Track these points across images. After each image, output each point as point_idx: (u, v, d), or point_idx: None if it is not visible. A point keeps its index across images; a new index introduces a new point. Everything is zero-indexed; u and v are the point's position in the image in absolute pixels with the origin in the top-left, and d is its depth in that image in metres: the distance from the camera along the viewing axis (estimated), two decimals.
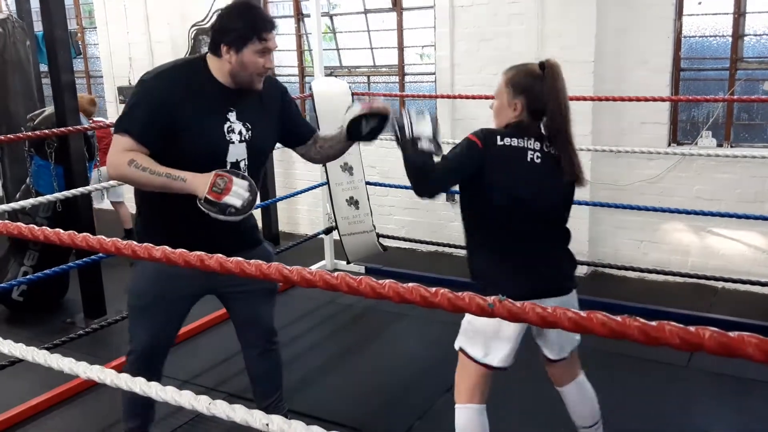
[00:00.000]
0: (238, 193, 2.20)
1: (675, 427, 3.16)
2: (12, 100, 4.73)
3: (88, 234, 1.37)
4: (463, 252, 5.43)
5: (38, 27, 5.86)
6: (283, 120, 2.57)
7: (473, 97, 4.89)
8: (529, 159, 2.28)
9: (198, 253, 1.25)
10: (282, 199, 5.83)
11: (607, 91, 4.70)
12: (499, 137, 2.27)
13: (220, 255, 1.25)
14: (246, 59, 2.33)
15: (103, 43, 7.12)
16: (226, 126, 2.39)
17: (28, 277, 3.98)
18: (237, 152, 2.41)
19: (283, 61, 6.44)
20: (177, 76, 2.39)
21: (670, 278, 4.72)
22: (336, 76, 5.95)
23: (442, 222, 5.60)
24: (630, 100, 4.26)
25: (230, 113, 2.40)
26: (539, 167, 2.29)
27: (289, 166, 6.32)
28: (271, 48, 2.36)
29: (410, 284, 1.02)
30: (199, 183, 2.21)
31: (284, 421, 1.23)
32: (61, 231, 1.39)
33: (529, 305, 0.91)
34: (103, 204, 6.36)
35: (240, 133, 2.41)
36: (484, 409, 2.43)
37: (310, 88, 5.04)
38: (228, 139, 2.39)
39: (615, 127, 4.87)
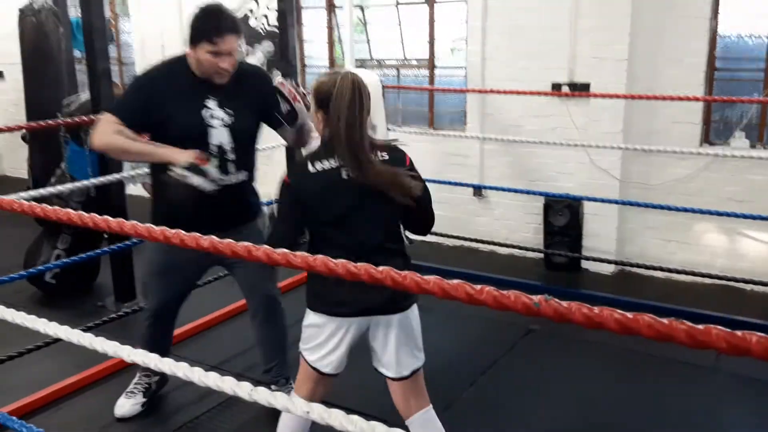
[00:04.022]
0: (213, 167, 2.57)
1: (701, 427, 3.15)
2: (43, 88, 4.78)
3: (122, 219, 1.41)
4: (488, 247, 5.45)
5: (72, 13, 5.96)
6: (264, 106, 2.89)
7: (504, 92, 4.89)
8: (344, 177, 2.20)
9: (228, 241, 1.31)
10: None
11: (640, 89, 4.66)
12: (310, 164, 2.21)
13: (249, 243, 1.32)
14: (200, 57, 2.66)
15: (136, 31, 7.20)
16: (205, 112, 2.73)
17: (63, 260, 4.06)
18: (219, 135, 2.75)
19: (314, 53, 6.47)
20: (161, 74, 2.79)
21: (698, 279, 4.68)
22: (366, 68, 5.96)
23: (467, 216, 5.60)
24: (664, 99, 4.22)
25: (208, 101, 2.74)
26: (352, 184, 2.19)
27: None
28: (221, 51, 2.63)
29: (455, 281, 1.04)
30: (179, 153, 2.56)
31: (324, 410, 1.26)
32: (98, 216, 1.44)
33: (575, 305, 0.93)
34: (134, 189, 6.43)
35: (221, 119, 2.75)
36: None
37: None
38: (208, 123, 2.73)
39: (647, 125, 4.83)
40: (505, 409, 3.24)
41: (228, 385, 1.34)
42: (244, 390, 1.32)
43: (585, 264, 5.13)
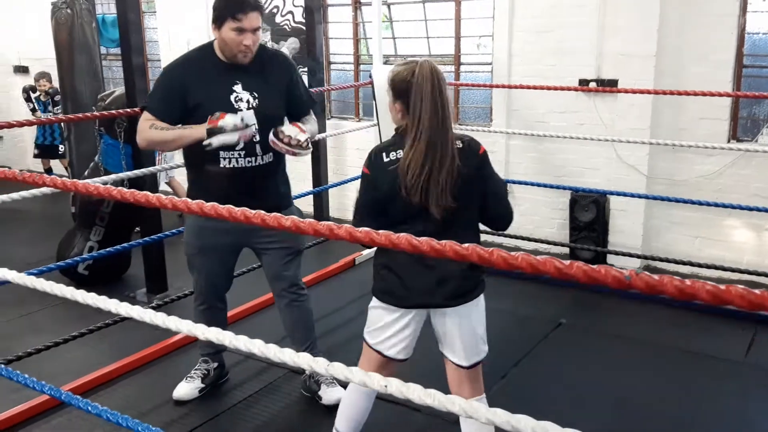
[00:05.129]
0: (231, 117, 2.69)
1: (730, 421, 3.17)
2: (78, 79, 4.87)
3: (188, 199, 1.46)
4: (513, 241, 5.46)
5: (99, 9, 6.04)
6: (288, 95, 2.97)
7: (531, 88, 4.91)
8: None
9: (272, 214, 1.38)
10: (334, 186, 5.92)
11: (668, 85, 4.67)
12: (384, 154, 2.23)
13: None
14: (225, 36, 2.76)
15: (162, 28, 7.27)
16: (232, 96, 2.82)
17: (97, 252, 4.11)
18: (246, 118, 2.82)
19: (339, 49, 6.52)
20: (187, 61, 2.90)
21: (724, 275, 4.70)
22: (391, 64, 6.00)
23: None
24: (695, 94, 4.23)
25: (236, 85, 2.83)
26: None
27: (341, 154, 6.41)
28: (245, 27, 2.72)
29: (543, 257, 1.07)
30: (201, 127, 2.71)
31: (402, 384, 1.30)
32: (150, 193, 1.51)
33: (667, 278, 0.96)
34: (161, 186, 6.52)
35: (248, 101, 2.84)
36: (370, 395, 2.49)
37: (369, 76, 5.11)
38: (236, 106, 2.82)
39: (674, 121, 4.85)
40: (536, 402, 3.27)
41: (304, 360, 1.39)
42: (321, 365, 1.37)
43: (610, 259, 5.14)
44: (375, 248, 2.40)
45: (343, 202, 6.48)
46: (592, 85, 4.97)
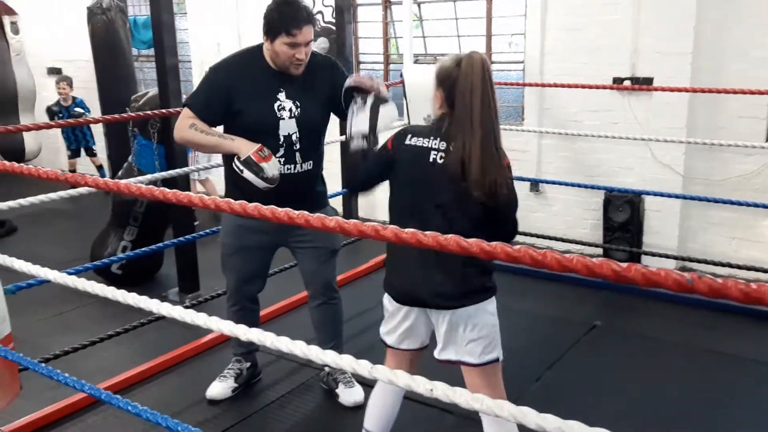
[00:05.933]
0: (274, 165, 2.69)
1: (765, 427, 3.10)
2: (116, 83, 4.93)
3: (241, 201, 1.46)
4: (545, 242, 5.41)
5: (131, 11, 6.10)
6: (333, 95, 2.88)
7: (563, 86, 4.85)
8: (431, 160, 2.17)
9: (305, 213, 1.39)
10: None
11: (704, 83, 4.59)
12: (409, 136, 2.23)
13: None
14: (277, 48, 2.74)
15: (192, 29, 7.31)
16: (276, 104, 2.81)
17: (132, 252, 4.14)
18: (288, 127, 2.83)
19: (369, 48, 6.51)
20: (235, 64, 2.89)
21: (762, 276, 4.60)
22: (420, 63, 5.98)
23: (524, 212, 5.56)
24: (732, 92, 4.15)
25: (280, 93, 2.82)
26: (438, 169, 2.15)
27: None
28: (299, 42, 2.69)
29: (600, 259, 1.04)
30: (243, 145, 2.70)
31: (448, 388, 1.27)
32: (219, 199, 1.49)
33: (731, 282, 0.93)
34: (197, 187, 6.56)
35: (290, 110, 2.83)
36: (399, 393, 2.49)
37: (401, 75, 5.09)
38: (279, 115, 2.81)
39: (711, 120, 4.76)
40: (571, 404, 3.21)
41: (346, 362, 1.37)
42: (364, 367, 1.35)
43: (645, 260, 5.06)
44: None
45: (371, 201, 6.46)
46: (627, 83, 4.90)
